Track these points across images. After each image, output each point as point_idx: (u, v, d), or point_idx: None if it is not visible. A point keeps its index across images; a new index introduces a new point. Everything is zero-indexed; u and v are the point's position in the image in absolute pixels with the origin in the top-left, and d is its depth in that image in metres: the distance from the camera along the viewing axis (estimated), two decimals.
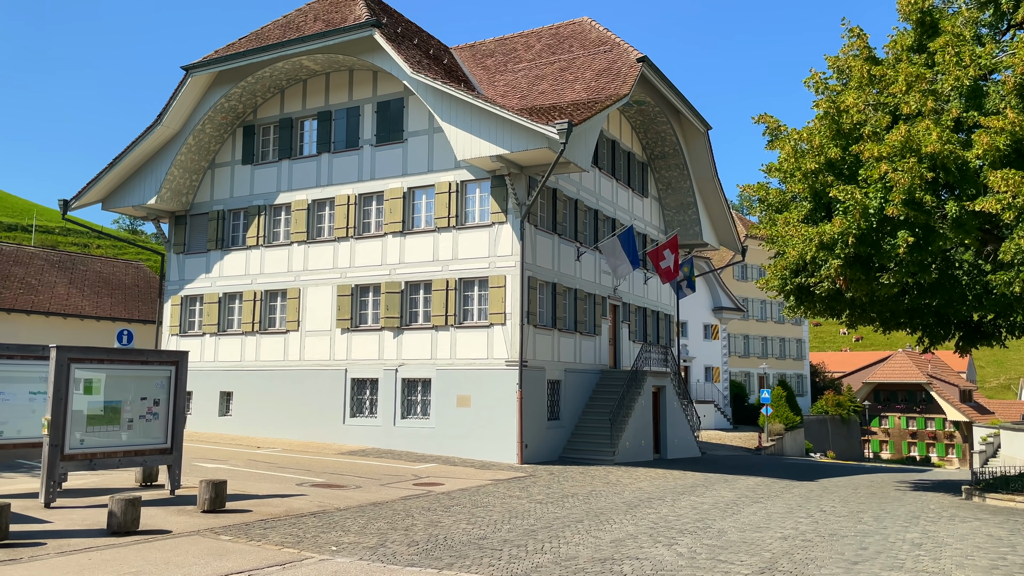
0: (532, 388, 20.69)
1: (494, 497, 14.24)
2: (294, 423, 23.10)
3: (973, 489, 15.84)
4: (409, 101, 22.58)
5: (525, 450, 20.02)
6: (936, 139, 12.59)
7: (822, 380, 62.11)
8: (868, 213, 13.27)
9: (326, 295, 23.25)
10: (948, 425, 61.54)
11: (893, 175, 12.76)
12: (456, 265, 21.36)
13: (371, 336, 22.39)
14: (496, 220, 20.90)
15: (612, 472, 19.35)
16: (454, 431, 20.74)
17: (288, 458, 19.18)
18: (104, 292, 36.83)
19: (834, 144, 14.13)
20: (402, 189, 22.35)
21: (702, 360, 46.96)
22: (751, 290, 54.06)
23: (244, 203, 25.20)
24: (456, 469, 18.32)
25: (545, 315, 21.99)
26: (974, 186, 13.10)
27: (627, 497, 14.97)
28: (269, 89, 24.76)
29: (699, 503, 14.42)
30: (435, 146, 21.95)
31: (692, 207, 30.39)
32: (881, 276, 14.02)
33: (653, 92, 26.13)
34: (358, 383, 22.52)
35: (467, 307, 21.31)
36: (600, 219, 25.42)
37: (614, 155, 26.84)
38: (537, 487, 15.89)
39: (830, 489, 17.60)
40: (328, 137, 23.91)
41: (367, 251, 22.77)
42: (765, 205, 17.11)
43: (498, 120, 19.50)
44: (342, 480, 15.71)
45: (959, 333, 17.84)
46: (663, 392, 25.87)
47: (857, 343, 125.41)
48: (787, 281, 15.84)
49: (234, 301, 25.16)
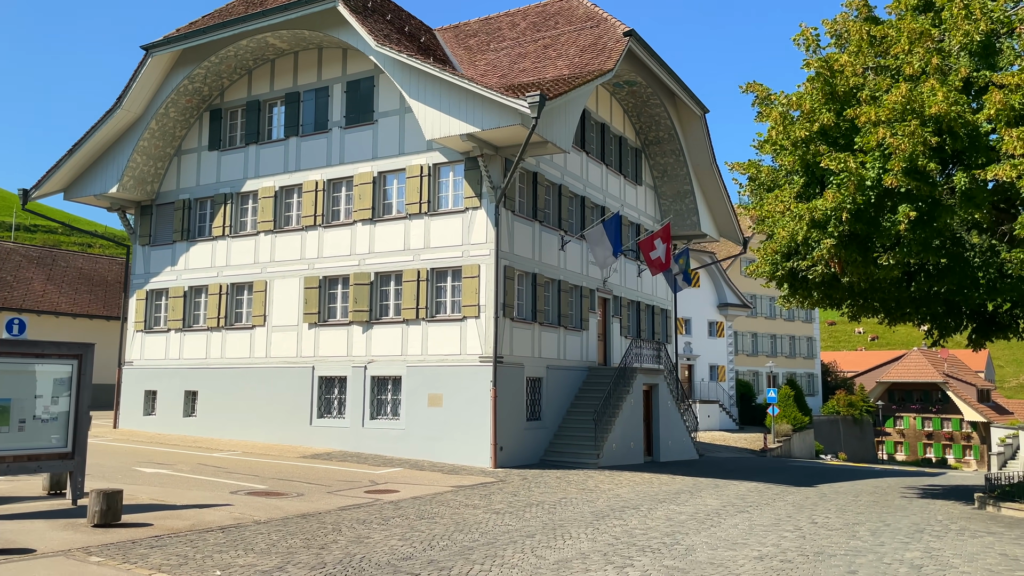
0: (509, 386, 19.20)
1: (447, 507, 12.78)
2: (260, 424, 21.73)
3: (987, 497, 14.19)
4: (380, 80, 21.15)
5: (500, 453, 18.53)
6: (942, 99, 11.00)
7: (834, 379, 60.16)
8: (864, 185, 11.67)
9: (293, 288, 21.86)
10: (965, 426, 59.40)
11: (892, 140, 11.16)
12: (428, 254, 19.91)
13: (339, 331, 20.98)
14: (470, 205, 19.43)
15: (593, 477, 17.84)
16: (425, 432, 19.29)
17: (243, 462, 17.80)
18: (84, 289, 35.70)
19: (827, 109, 12.53)
20: (372, 173, 20.92)
21: (707, 358, 45.25)
22: (759, 286, 52.24)
23: (210, 191, 23.87)
24: (420, 474, 16.87)
25: (524, 308, 20.49)
26: (985, 154, 11.49)
27: (599, 506, 13.46)
28: (235, 70, 23.43)
29: (677, 513, 12.88)
30: (406, 127, 20.51)
31: (689, 196, 28.76)
32: (880, 257, 12.41)
33: (644, 71, 24.56)
34: (326, 381, 21.11)
35: (440, 299, 19.85)
36: (587, 206, 23.89)
37: (604, 139, 25.29)
38: (502, 495, 14.40)
39: (828, 496, 15.99)
40: (296, 120, 22.53)
41: (335, 240, 21.36)
42: (755, 184, 15.50)
43: (468, 95, 18.03)
44: (287, 487, 14.30)
45: (972, 325, 16.16)
46: (655, 391, 24.29)
47: (873, 342, 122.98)
48: (778, 266, 14.24)
49: (200, 295, 23.84)
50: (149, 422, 23.94)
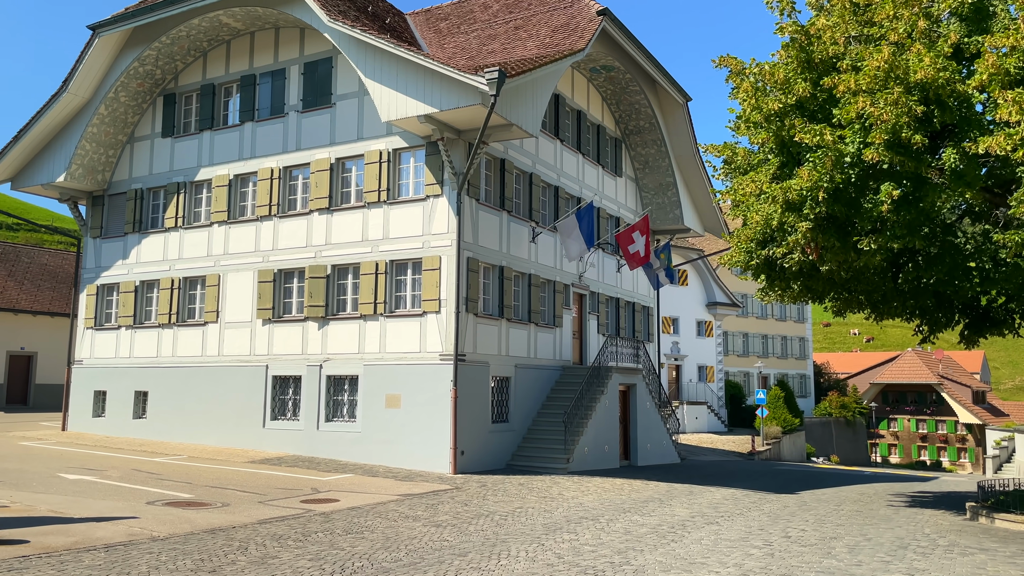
0: (472, 386, 17.97)
1: (384, 519, 11.55)
2: (212, 427, 20.46)
3: (980, 508, 12.98)
4: (338, 61, 19.92)
5: (461, 457, 17.29)
6: (929, 64, 9.81)
7: (826, 381, 58.99)
8: (843, 162, 10.48)
9: (247, 282, 20.60)
10: (960, 428, 58.29)
11: (873, 110, 9.97)
12: (387, 245, 18.68)
13: (294, 328, 19.73)
14: (431, 193, 18.20)
15: (560, 483, 16.62)
16: (382, 436, 18.04)
17: (183, 468, 16.55)
18: (47, 285, 34.41)
19: (803, 79, 11.34)
20: (329, 160, 19.67)
21: (695, 358, 44.03)
22: (750, 285, 51.05)
23: (163, 180, 22.60)
24: (371, 481, 15.63)
25: (490, 303, 19.26)
26: (977, 127, 10.32)
27: (555, 517, 12.24)
28: (189, 52, 22.17)
29: (638, 525, 11.66)
30: (365, 111, 19.28)
31: (672, 188, 27.56)
32: (861, 242, 11.21)
33: (622, 55, 23.36)
34: (280, 381, 19.86)
35: (399, 293, 18.62)
36: (562, 197, 22.67)
37: (580, 127, 24.08)
38: (452, 504, 13.18)
39: (808, 505, 14.77)
40: (252, 104, 21.28)
41: (291, 231, 20.11)
42: (731, 168, 14.29)
43: (426, 74, 16.81)
44: (217, 496, 13.06)
45: (964, 320, 14.96)
46: (633, 391, 23.06)
47: (868, 344, 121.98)
48: (753, 255, 13.02)
49: (152, 290, 22.56)
50: (99, 424, 22.66)
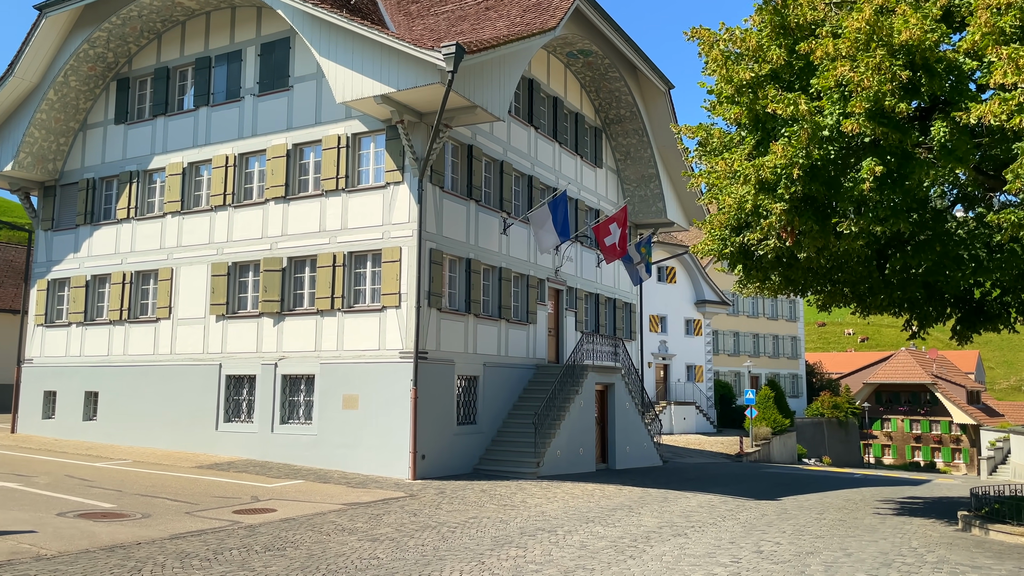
0: (435, 386, 16.88)
1: (317, 533, 10.45)
2: (163, 429, 19.31)
3: (973, 517, 11.91)
4: (296, 42, 18.79)
5: (421, 462, 16.19)
6: (915, 24, 8.77)
7: (819, 381, 57.99)
8: (820, 135, 9.42)
9: (200, 275, 19.47)
10: (954, 428, 57.33)
11: (853, 76, 8.91)
12: (345, 236, 17.57)
13: (249, 324, 18.60)
14: (391, 180, 17.10)
15: (526, 490, 15.53)
16: (338, 439, 16.93)
17: (121, 474, 15.42)
18: (10, 282, 33.20)
19: (777, 45, 10.27)
20: (286, 146, 18.55)
21: (683, 358, 42.99)
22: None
23: (116, 169, 21.45)
24: (321, 488, 14.52)
25: (456, 297, 18.16)
26: (968, 97, 9.27)
27: (509, 529, 11.16)
28: (143, 34, 21.03)
29: (598, 538, 10.58)
30: (323, 93, 18.17)
31: (654, 180, 26.49)
32: (840, 224, 10.14)
33: (599, 39, 22.27)
34: (234, 381, 18.72)
35: (358, 287, 17.51)
36: (536, 187, 21.58)
37: (556, 115, 22.99)
38: (400, 514, 12.08)
39: (789, 513, 13.70)
40: (207, 88, 20.14)
41: (246, 222, 18.99)
42: (706, 150, 13.19)
43: (382, 51, 15.71)
44: (142, 506, 11.95)
45: (956, 314, 13.91)
46: (611, 391, 21.98)
47: (862, 344, 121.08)
48: (726, 242, 11.95)
49: (103, 285, 21.40)
50: (48, 426, 21.50)
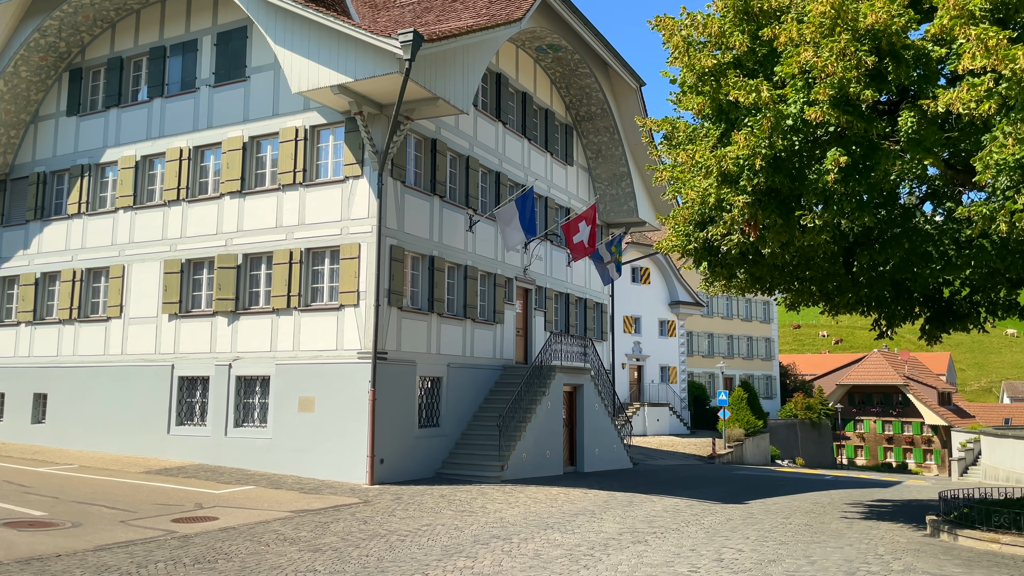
0: (396, 387, 16.32)
1: (257, 543, 9.87)
2: (114, 433, 18.56)
3: (941, 522, 11.58)
4: (253, 31, 18.16)
5: (380, 466, 15.62)
6: (881, 7, 8.40)
7: (792, 382, 58.07)
8: (784, 125, 9.03)
9: (153, 273, 18.75)
10: (926, 429, 57.67)
11: (817, 61, 8.53)
12: (303, 232, 16.96)
13: (202, 323, 17.92)
14: (350, 174, 16.53)
15: (488, 494, 15.02)
16: (294, 443, 16.31)
17: (61, 480, 14.70)
18: None
19: (740, 31, 9.88)
20: (242, 139, 17.91)
21: (657, 359, 42.70)
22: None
23: (67, 163, 20.65)
24: (271, 495, 13.91)
25: (419, 296, 17.62)
26: (936, 85, 8.93)
27: (462, 537, 10.64)
28: (96, 22, 20.27)
29: (554, 545, 10.10)
30: (281, 84, 17.54)
31: (626, 178, 26.11)
32: (804, 217, 9.76)
33: (569, 33, 21.85)
34: (186, 382, 18.03)
35: (316, 285, 16.91)
36: (504, 183, 21.08)
37: (525, 110, 22.52)
38: (349, 523, 11.52)
39: (755, 517, 13.31)
40: (161, 79, 19.43)
41: (201, 217, 18.31)
42: (672, 144, 12.78)
43: (339, 39, 15.15)
44: (76, 514, 11.28)
45: (925, 313, 13.62)
46: (580, 392, 21.54)
47: (837, 345, 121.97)
48: (690, 237, 11.54)
49: (53, 283, 20.59)
50: None
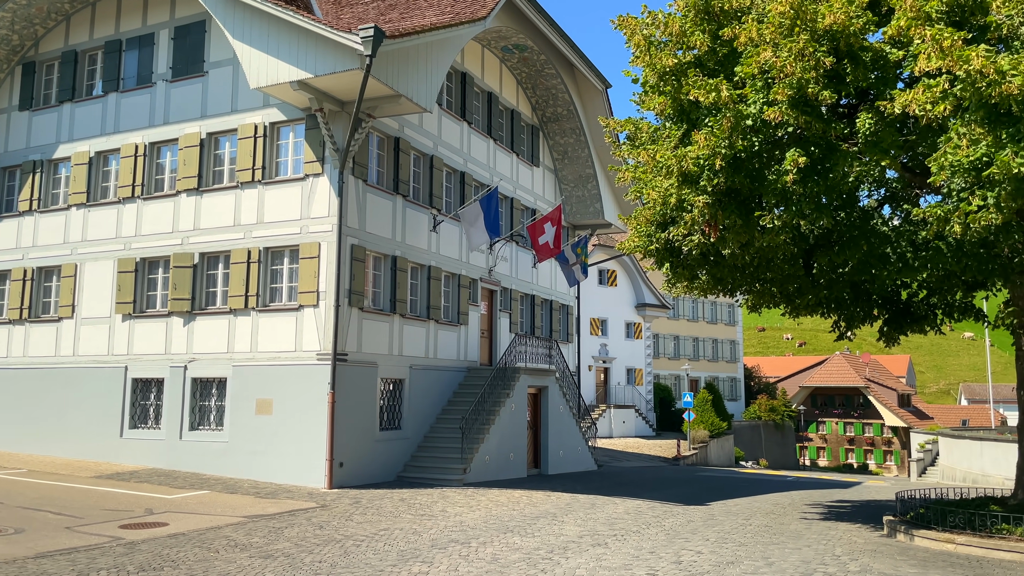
0: (355, 389, 16.06)
1: (206, 550, 9.57)
2: (65, 436, 18.01)
3: (898, 523, 11.68)
4: (212, 25, 17.77)
5: (339, 470, 15.35)
6: (840, 8, 8.43)
7: (757, 384, 58.72)
8: (743, 125, 9.02)
9: (106, 272, 18.25)
10: (886, 431, 58.68)
11: (776, 61, 8.53)
12: (262, 231, 16.63)
13: (157, 324, 17.48)
14: (311, 172, 16.25)
15: (449, 497, 14.82)
16: (251, 446, 15.96)
17: (9, 485, 14.19)
18: None
19: (700, 30, 9.86)
20: (200, 135, 17.51)
21: (623, 361, 42.86)
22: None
23: (19, 159, 20.02)
24: (226, 499, 13.57)
25: (381, 297, 17.38)
26: (893, 86, 8.98)
27: (420, 542, 10.44)
28: (50, 15, 19.69)
29: (512, 549, 9.95)
30: (240, 80, 17.17)
31: (592, 180, 26.11)
32: (763, 218, 9.76)
33: (535, 34, 21.77)
34: (140, 384, 17.57)
35: (275, 285, 16.58)
36: (469, 183, 20.92)
37: (491, 110, 22.39)
38: (304, 528, 11.25)
39: (716, 518, 13.31)
40: (117, 73, 18.93)
41: (156, 215, 17.86)
42: (635, 145, 12.74)
43: (299, 34, 14.88)
44: (19, 520, 10.87)
45: (883, 315, 13.76)
46: (545, 394, 21.45)
47: (801, 348, 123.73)
48: (652, 238, 11.50)
49: (3, 282, 19.93)
50: None
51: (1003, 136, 7.66)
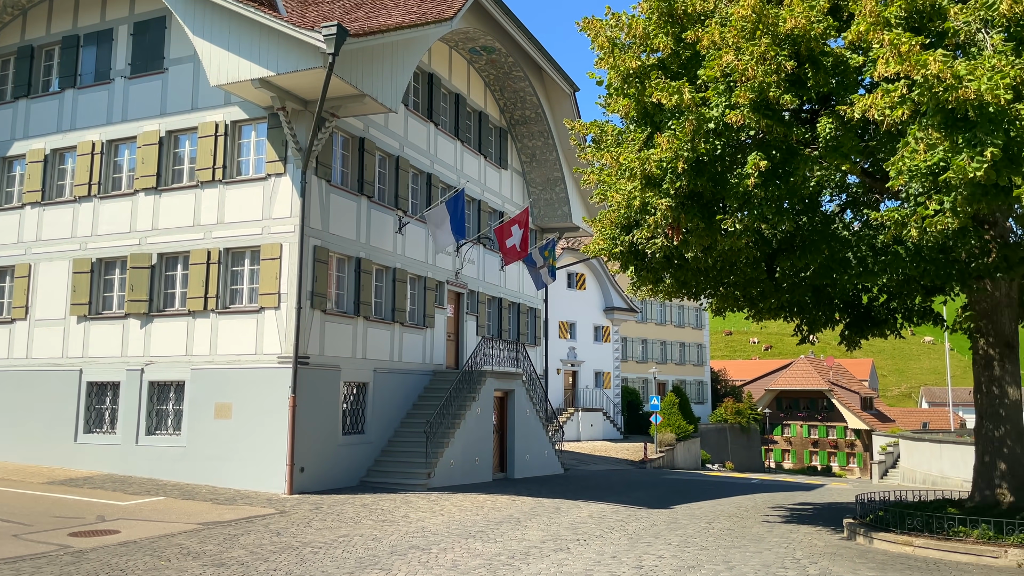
0: (318, 393, 15.80)
1: (157, 558, 9.30)
2: (18, 441, 17.47)
3: (857, 526, 11.78)
4: (172, 21, 17.41)
5: (300, 475, 15.07)
6: (801, 13, 8.47)
7: (723, 387, 59.27)
8: (706, 128, 9.02)
9: (61, 272, 17.77)
10: (849, 433, 59.60)
11: (738, 64, 8.55)
12: (222, 231, 16.30)
13: (114, 326, 17.04)
14: (273, 172, 15.97)
15: (413, 502, 14.64)
16: (210, 451, 15.62)
17: None
18: None
19: (664, 33, 9.86)
20: (159, 133, 17.14)
21: (592, 364, 42.91)
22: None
23: None
24: (182, 506, 13.24)
25: (344, 299, 17.15)
26: (854, 91, 9.05)
27: (380, 548, 10.26)
28: (5, 9, 19.14)
29: (473, 555, 9.82)
30: (201, 77, 16.82)
31: (560, 183, 26.10)
32: (725, 221, 9.78)
33: (503, 36, 21.70)
34: (96, 388, 17.12)
35: (235, 286, 16.26)
36: (436, 185, 20.75)
37: (459, 112, 22.26)
38: (261, 535, 11.00)
39: (680, 522, 13.31)
40: (74, 69, 18.46)
41: (113, 214, 17.44)
42: (600, 147, 12.71)
43: (261, 31, 14.63)
44: None
45: (845, 319, 13.89)
46: (511, 398, 21.35)
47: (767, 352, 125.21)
48: (616, 241, 11.47)
49: None
50: None
51: (959, 141, 7.75)
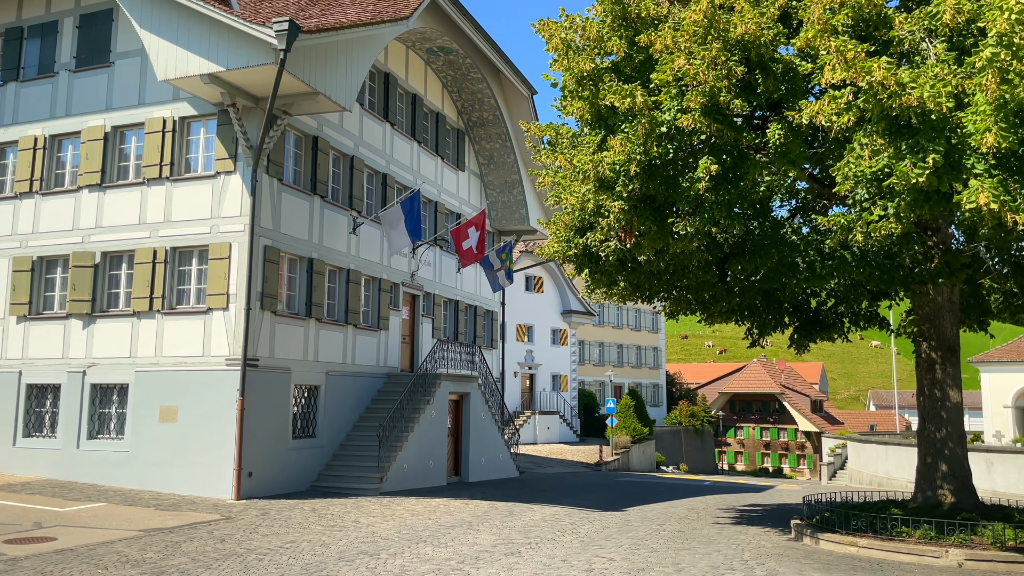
0: (267, 396, 15.48)
1: (94, 567, 8.97)
2: None
3: (804, 527, 11.95)
4: (119, 14, 16.93)
5: (248, 480, 14.74)
6: (751, 19, 8.56)
7: (678, 390, 59.91)
8: (658, 131, 9.07)
9: (0, 271, 17.13)
10: (800, 436, 60.75)
11: (690, 68, 8.61)
12: (169, 230, 15.88)
13: (55, 326, 16.48)
14: (222, 169, 15.62)
15: (364, 507, 14.43)
16: (154, 456, 15.18)
17: None
18: None
19: (618, 36, 9.89)
20: (104, 128, 16.64)
21: (549, 367, 42.98)
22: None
23: None
24: (123, 512, 12.83)
25: (296, 300, 16.84)
26: (803, 97, 9.19)
27: (327, 555, 10.06)
28: None
29: (422, 561, 9.69)
30: (149, 71, 16.37)
31: (517, 186, 26.10)
32: (676, 224, 9.85)
33: (460, 37, 21.61)
34: (36, 390, 16.53)
35: (182, 287, 15.85)
36: (391, 185, 20.55)
37: (415, 113, 22.09)
38: (204, 542, 10.70)
39: (632, 524, 13.35)
40: (17, 62, 17.84)
41: (56, 211, 16.88)
42: (555, 150, 12.68)
43: (211, 25, 14.30)
44: None
45: (794, 322, 14.12)
46: (467, 401, 21.22)
47: (721, 355, 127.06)
48: (571, 243, 11.47)
49: None
50: None
51: (903, 147, 7.91)
